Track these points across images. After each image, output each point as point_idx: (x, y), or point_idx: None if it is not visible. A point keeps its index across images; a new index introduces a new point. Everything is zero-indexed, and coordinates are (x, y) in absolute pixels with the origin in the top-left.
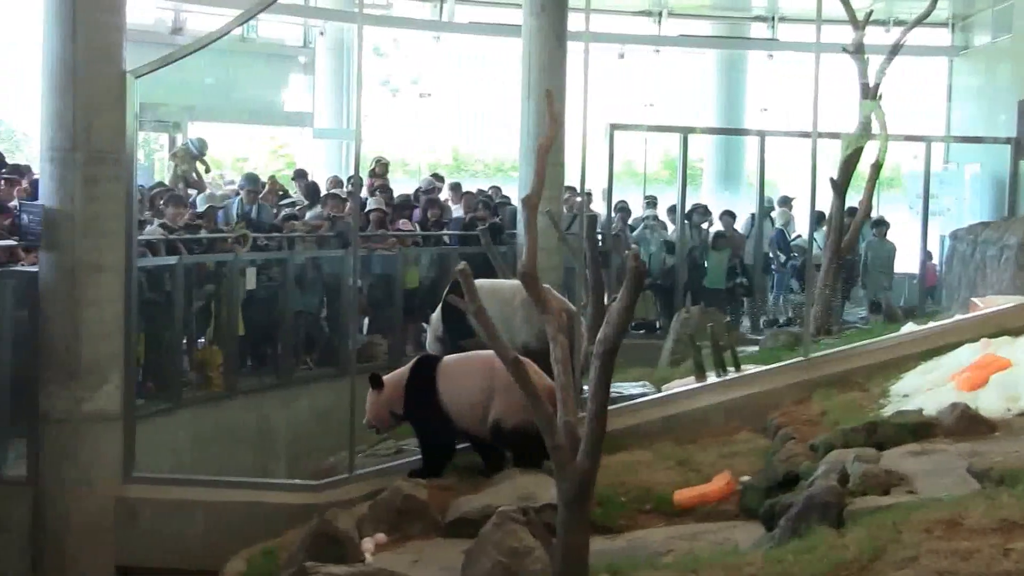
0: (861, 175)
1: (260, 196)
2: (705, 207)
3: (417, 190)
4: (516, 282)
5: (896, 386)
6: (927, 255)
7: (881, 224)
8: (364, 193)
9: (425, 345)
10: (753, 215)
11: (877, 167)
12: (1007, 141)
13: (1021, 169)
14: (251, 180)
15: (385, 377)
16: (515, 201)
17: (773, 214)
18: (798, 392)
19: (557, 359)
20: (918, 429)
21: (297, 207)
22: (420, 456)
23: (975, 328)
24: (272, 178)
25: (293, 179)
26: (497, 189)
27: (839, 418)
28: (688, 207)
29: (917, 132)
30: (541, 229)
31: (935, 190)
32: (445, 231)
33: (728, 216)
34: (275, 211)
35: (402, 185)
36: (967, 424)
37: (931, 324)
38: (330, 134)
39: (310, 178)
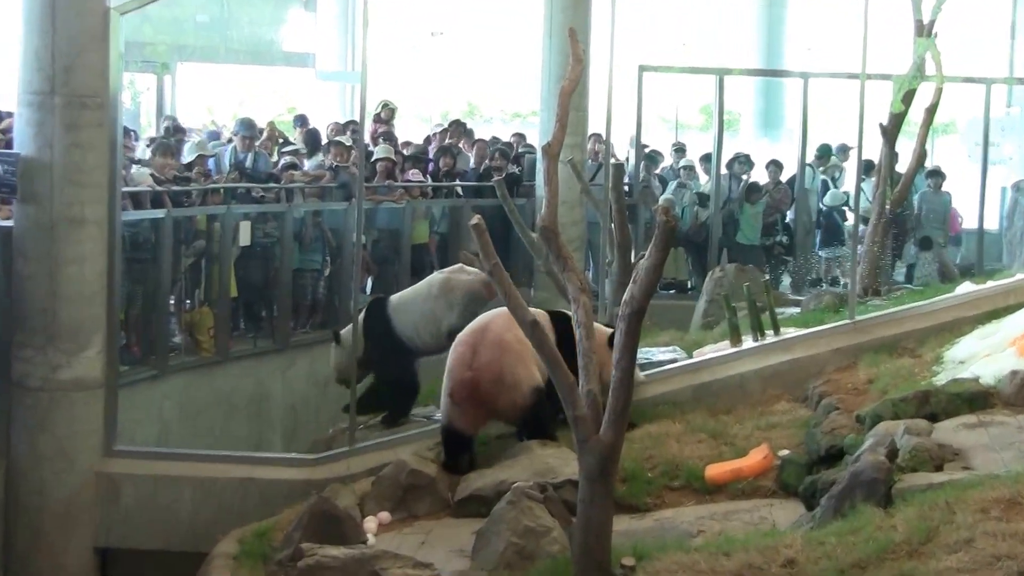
0: (914, 121)
1: (257, 144)
2: (747, 156)
3: (428, 138)
4: (433, 275)
5: (951, 352)
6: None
7: (936, 175)
8: (367, 140)
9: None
10: (809, 165)
11: (931, 112)
12: None
13: None
14: (246, 126)
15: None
16: (536, 149)
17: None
18: (843, 358)
19: (580, 322)
20: (974, 399)
21: (297, 155)
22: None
23: None
24: (270, 124)
25: (293, 125)
26: (521, 137)
27: (887, 387)
28: (726, 156)
29: (976, 73)
30: (562, 180)
31: (995, 137)
32: (457, 182)
33: (774, 166)
34: (273, 160)
35: (411, 132)
36: None
37: (990, 283)
38: (334, 77)
39: (311, 124)
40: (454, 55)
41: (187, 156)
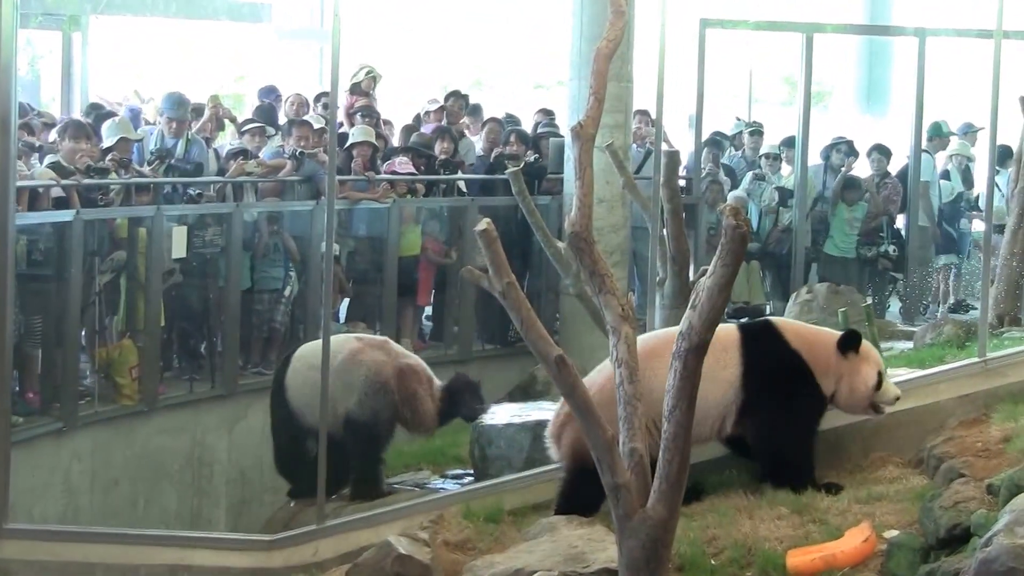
0: None
1: (197, 126)
2: (849, 143)
3: (418, 116)
4: (346, 338)
5: None
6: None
7: None
8: (340, 119)
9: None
10: (926, 151)
11: None
12: None
13: None
14: (173, 104)
15: None
16: (564, 131)
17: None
18: (970, 408)
19: (620, 359)
20: None
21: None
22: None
23: None
24: (213, 99)
25: (260, 97)
26: (547, 113)
27: None
28: (818, 140)
29: None
30: (598, 171)
31: None
32: (460, 174)
33: (879, 153)
34: (215, 147)
35: (399, 112)
36: None
37: None
38: (298, 35)
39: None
40: (456, 8)
41: (107, 139)
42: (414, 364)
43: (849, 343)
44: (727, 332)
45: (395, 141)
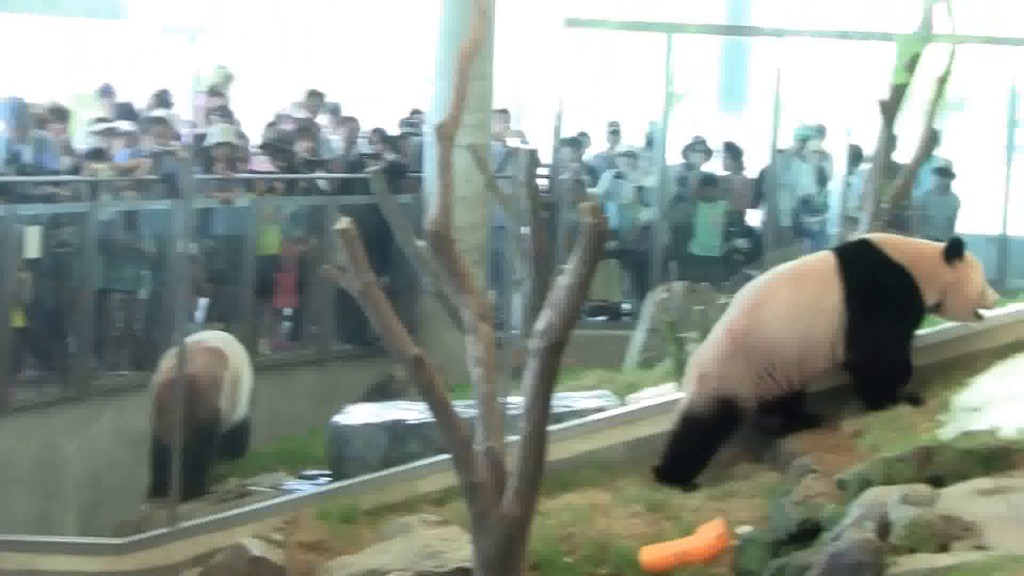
0: (920, 95)
1: (51, 128)
2: (703, 141)
3: (278, 116)
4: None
5: (961, 396)
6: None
7: (944, 173)
8: (190, 116)
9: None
10: (781, 151)
11: (942, 82)
12: None
13: None
14: (11, 110)
15: None
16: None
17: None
18: (823, 405)
19: (479, 359)
20: (992, 457)
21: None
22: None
23: None
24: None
25: (96, 97)
26: (417, 113)
27: (879, 442)
28: (678, 139)
29: (999, 34)
30: (459, 170)
31: None
32: (320, 173)
33: (731, 152)
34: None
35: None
36: None
37: (1012, 307)
38: (167, 30)
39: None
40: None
41: None
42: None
43: (955, 251)
44: (824, 259)
45: (256, 140)
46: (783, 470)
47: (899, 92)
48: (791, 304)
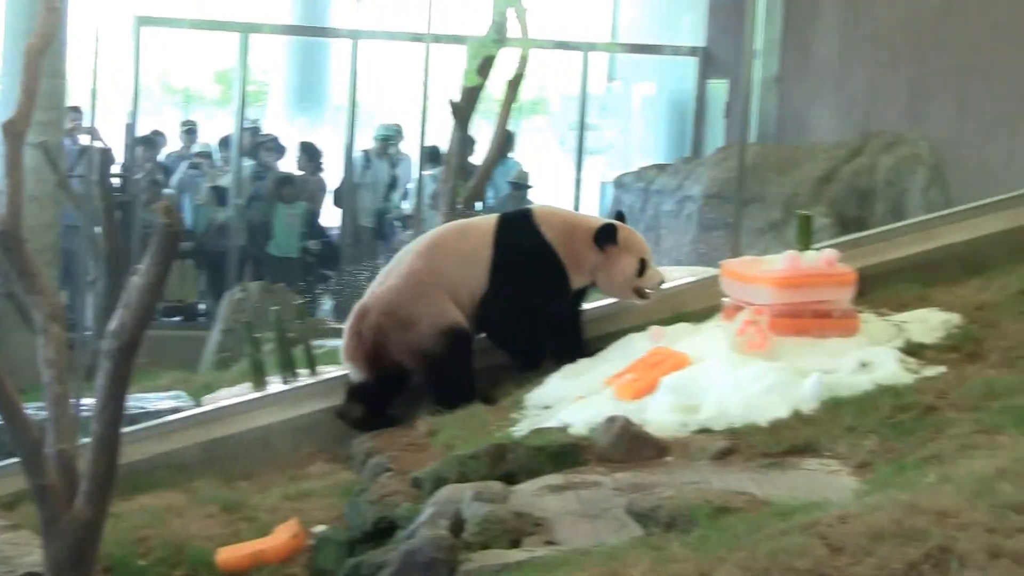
0: (494, 97)
1: None
2: (275, 139)
3: None
4: None
5: (534, 394)
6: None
7: (520, 187)
8: None
9: None
10: (364, 152)
11: (515, 85)
12: (692, 53)
13: (711, 91)
14: None
15: None
16: None
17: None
18: (403, 405)
19: (50, 361)
20: (562, 454)
21: None
22: None
23: (644, 312)
24: None
25: None
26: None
27: (453, 440)
28: (251, 138)
29: (571, 38)
30: (30, 169)
31: (595, 119)
32: None
33: (307, 152)
34: None
35: None
36: (629, 446)
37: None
38: None
39: None
40: None
41: None
42: None
43: (604, 237)
44: (488, 220)
45: None
46: (359, 469)
47: (472, 94)
48: (455, 251)
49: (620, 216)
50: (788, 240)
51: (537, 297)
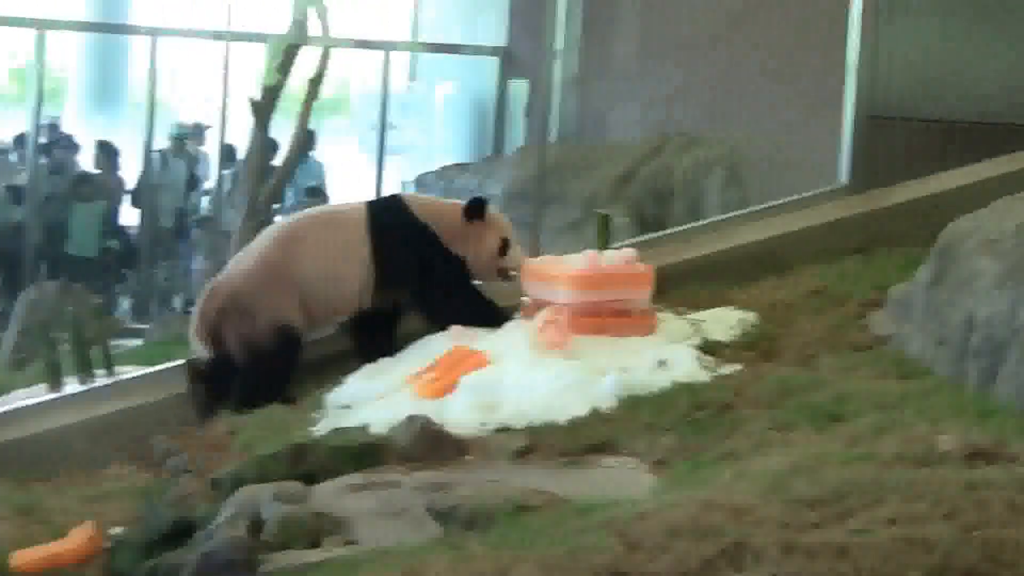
0: (294, 95)
1: None
2: (69, 138)
3: None
4: None
5: (334, 394)
6: None
7: (316, 192)
8: None
9: None
10: (160, 151)
11: (316, 84)
12: (493, 52)
13: (512, 91)
14: None
15: None
16: None
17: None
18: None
19: None
20: (362, 453)
21: None
22: None
23: None
24: None
25: None
26: None
27: (254, 440)
28: (45, 137)
29: (372, 37)
30: None
31: (396, 118)
32: None
33: (104, 150)
34: None
35: None
36: (428, 445)
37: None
38: None
39: None
40: None
41: None
42: None
43: (473, 211)
44: (356, 208)
45: None
46: (158, 470)
47: (272, 93)
48: (321, 244)
49: (481, 201)
50: (588, 239)
51: (437, 276)
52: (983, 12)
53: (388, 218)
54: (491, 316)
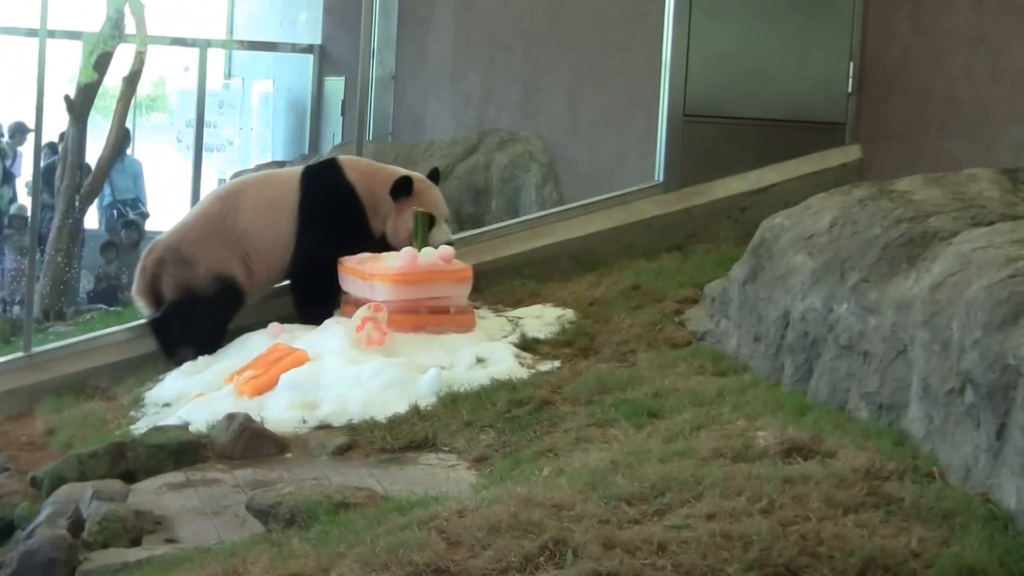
0: (111, 93)
1: None
2: None
3: None
4: None
5: (154, 391)
6: None
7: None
8: None
9: None
10: None
11: (132, 82)
12: (308, 50)
13: (328, 88)
14: None
15: None
16: None
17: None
18: (16, 403)
19: None
20: (182, 451)
21: None
22: None
23: (262, 308)
24: None
25: None
26: None
27: (73, 438)
28: None
29: (188, 35)
30: None
31: (213, 116)
32: None
33: None
34: None
35: None
36: (248, 443)
37: None
38: None
39: None
40: None
41: None
42: None
43: (399, 189)
44: (294, 170)
45: None
46: None
47: (88, 91)
48: (258, 200)
49: (435, 172)
50: None
51: (340, 242)
52: (795, 12)
53: (320, 177)
54: (326, 311)
